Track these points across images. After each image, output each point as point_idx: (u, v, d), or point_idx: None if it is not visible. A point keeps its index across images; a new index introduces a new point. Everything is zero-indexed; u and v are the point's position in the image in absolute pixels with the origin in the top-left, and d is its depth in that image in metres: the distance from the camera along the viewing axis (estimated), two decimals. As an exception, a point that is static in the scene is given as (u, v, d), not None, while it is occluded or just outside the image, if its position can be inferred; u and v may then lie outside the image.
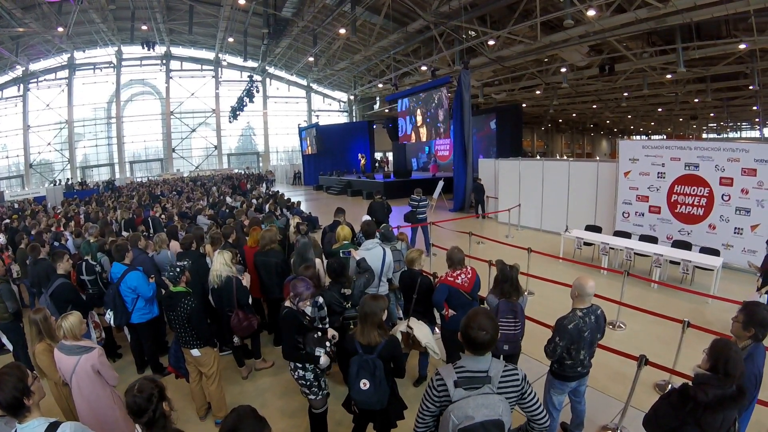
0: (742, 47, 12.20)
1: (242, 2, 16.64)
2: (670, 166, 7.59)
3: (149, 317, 4.21)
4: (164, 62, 29.12)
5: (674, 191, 7.57)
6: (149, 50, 20.55)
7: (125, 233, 7.46)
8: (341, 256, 4.26)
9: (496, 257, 3.89)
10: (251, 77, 25.41)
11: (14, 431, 1.87)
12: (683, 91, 19.38)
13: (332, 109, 34.77)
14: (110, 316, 4.06)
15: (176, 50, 28.75)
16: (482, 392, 1.76)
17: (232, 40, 22.72)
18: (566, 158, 17.24)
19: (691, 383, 2.02)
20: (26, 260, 5.82)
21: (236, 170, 32.08)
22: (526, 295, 3.44)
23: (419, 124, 17.90)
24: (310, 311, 3.08)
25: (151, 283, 4.19)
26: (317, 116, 32.05)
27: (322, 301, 3.27)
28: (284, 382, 4.11)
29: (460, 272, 3.46)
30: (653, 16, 10.62)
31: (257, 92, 27.22)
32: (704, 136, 35.76)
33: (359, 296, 3.36)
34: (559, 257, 7.51)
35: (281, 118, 34.62)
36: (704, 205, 7.18)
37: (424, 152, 26.79)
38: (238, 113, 27.89)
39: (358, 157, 24.88)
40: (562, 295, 3.63)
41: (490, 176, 12.47)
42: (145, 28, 20.91)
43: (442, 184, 13.99)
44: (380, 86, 23.73)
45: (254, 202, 11.55)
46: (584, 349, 2.79)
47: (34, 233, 7.55)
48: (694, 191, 7.29)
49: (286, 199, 12.50)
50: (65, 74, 26.71)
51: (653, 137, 40.62)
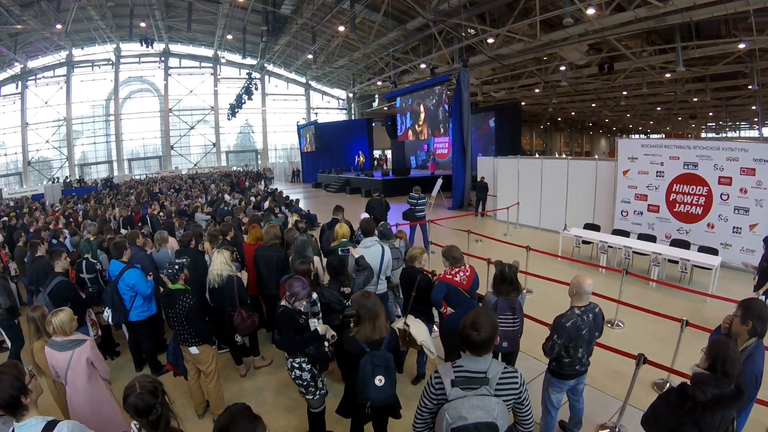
0: (741, 47, 12.21)
1: (241, -1, 16.62)
2: (668, 165, 7.59)
3: (147, 315, 4.20)
4: (163, 59, 29.02)
5: (673, 190, 7.57)
6: (148, 47, 20.43)
7: (124, 231, 7.44)
8: (340, 253, 4.25)
9: (494, 255, 3.89)
10: (250, 74, 25.29)
11: (11, 430, 1.85)
12: (682, 90, 19.37)
13: (331, 106, 34.71)
14: (108, 313, 4.05)
15: (175, 47, 28.64)
16: (479, 393, 1.75)
17: (230, 37, 22.66)
18: (565, 157, 17.26)
19: (689, 382, 2.01)
20: (24, 258, 5.80)
21: (235, 168, 32.02)
22: (524, 292, 3.45)
23: (418, 122, 17.87)
24: (304, 307, 3.09)
25: (149, 280, 4.18)
26: (316, 114, 31.99)
27: (315, 297, 3.28)
28: (283, 379, 4.11)
29: (458, 270, 3.46)
30: (653, 15, 10.60)
31: (256, 89, 27.16)
32: (703, 135, 35.75)
33: (359, 295, 3.37)
34: (557, 255, 7.54)
35: (280, 115, 34.57)
36: (703, 204, 7.18)
37: (423, 150, 26.76)
38: (236, 110, 27.77)
39: (356, 155, 24.85)
40: (560, 293, 3.63)
41: (488, 174, 12.50)
42: (143, 25, 20.84)
43: (440, 182, 14.00)
44: (379, 84, 23.65)
45: (253, 199, 11.53)
46: (582, 347, 2.79)
47: (32, 231, 7.51)
48: (692, 190, 7.30)
49: (284, 196, 12.50)
50: (63, 71, 26.62)
51: (652, 136, 40.62)
